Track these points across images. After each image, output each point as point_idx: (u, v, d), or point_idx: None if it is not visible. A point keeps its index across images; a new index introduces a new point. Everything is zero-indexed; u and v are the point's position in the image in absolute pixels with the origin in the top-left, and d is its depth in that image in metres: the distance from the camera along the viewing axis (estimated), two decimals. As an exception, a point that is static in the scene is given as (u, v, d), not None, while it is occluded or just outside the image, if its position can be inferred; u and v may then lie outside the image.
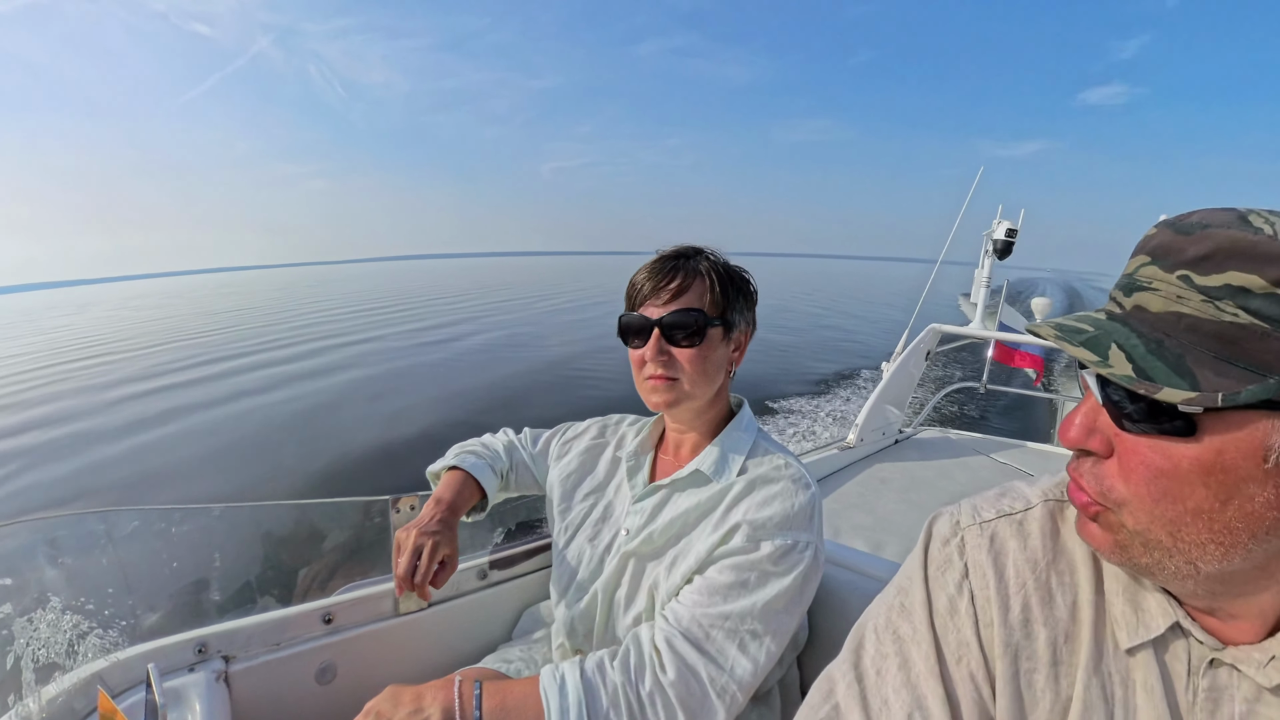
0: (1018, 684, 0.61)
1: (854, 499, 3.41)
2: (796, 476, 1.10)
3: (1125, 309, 0.53)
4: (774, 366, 17.07)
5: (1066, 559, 0.64)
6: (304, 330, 26.91)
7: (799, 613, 1.03)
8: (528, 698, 0.91)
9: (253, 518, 1.32)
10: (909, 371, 4.55)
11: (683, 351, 1.10)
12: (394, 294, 51.93)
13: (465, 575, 1.47)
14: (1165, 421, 0.49)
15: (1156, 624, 0.57)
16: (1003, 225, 4.72)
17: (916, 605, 0.67)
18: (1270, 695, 0.54)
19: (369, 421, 12.04)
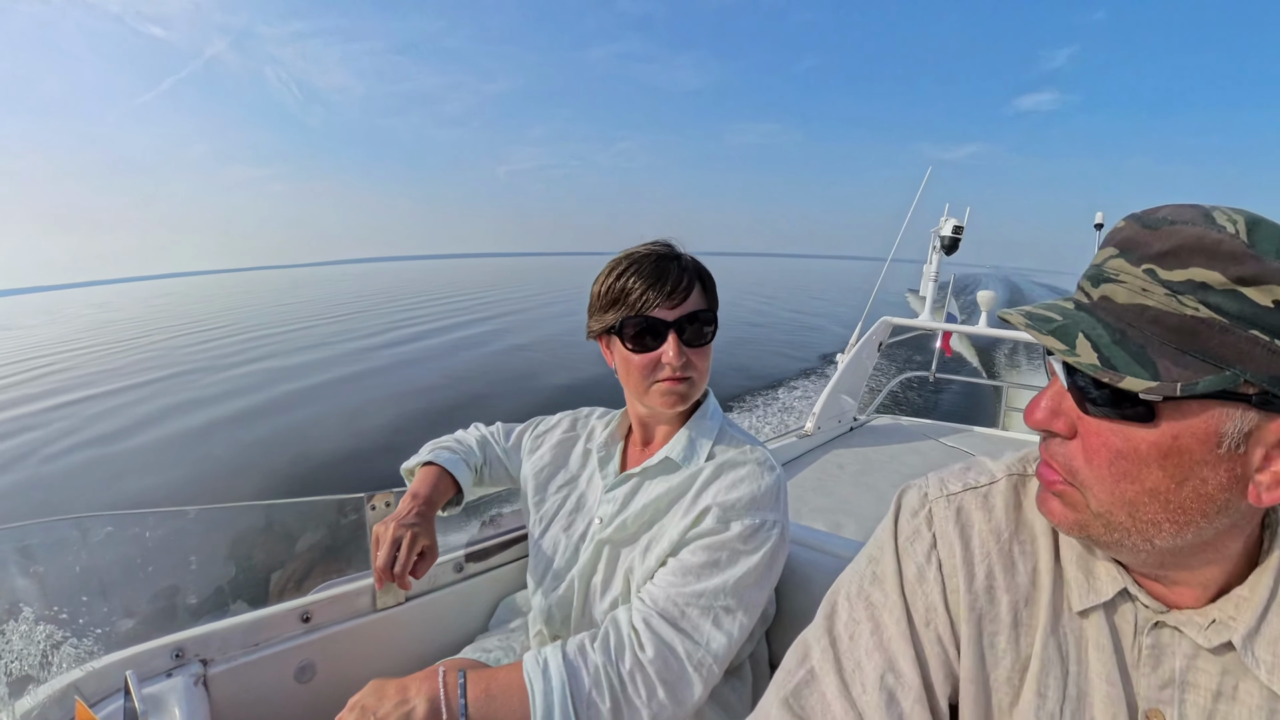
0: (981, 645, 0.64)
1: (813, 483, 3.47)
2: (762, 460, 1.12)
3: (1092, 299, 0.55)
4: (734, 361, 17.23)
5: (1028, 530, 0.66)
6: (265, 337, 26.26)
7: (769, 587, 1.06)
8: (512, 683, 0.91)
9: (227, 519, 1.28)
10: (862, 362, 4.65)
11: (696, 351, 1.11)
12: (360, 296, 50.90)
13: (442, 569, 1.46)
14: (1126, 407, 0.51)
15: (1106, 590, 0.60)
16: (950, 223, 4.84)
17: (887, 573, 0.69)
18: (1206, 653, 0.57)
19: (336, 423, 11.82)
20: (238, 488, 8.82)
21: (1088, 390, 0.53)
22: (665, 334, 1.08)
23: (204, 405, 13.89)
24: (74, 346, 26.73)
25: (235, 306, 44.18)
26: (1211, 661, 0.57)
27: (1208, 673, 0.57)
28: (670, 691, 0.93)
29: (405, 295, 49.15)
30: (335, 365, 18.23)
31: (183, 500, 7.61)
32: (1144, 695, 0.59)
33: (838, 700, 0.64)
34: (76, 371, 19.28)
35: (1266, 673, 0.54)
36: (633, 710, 0.91)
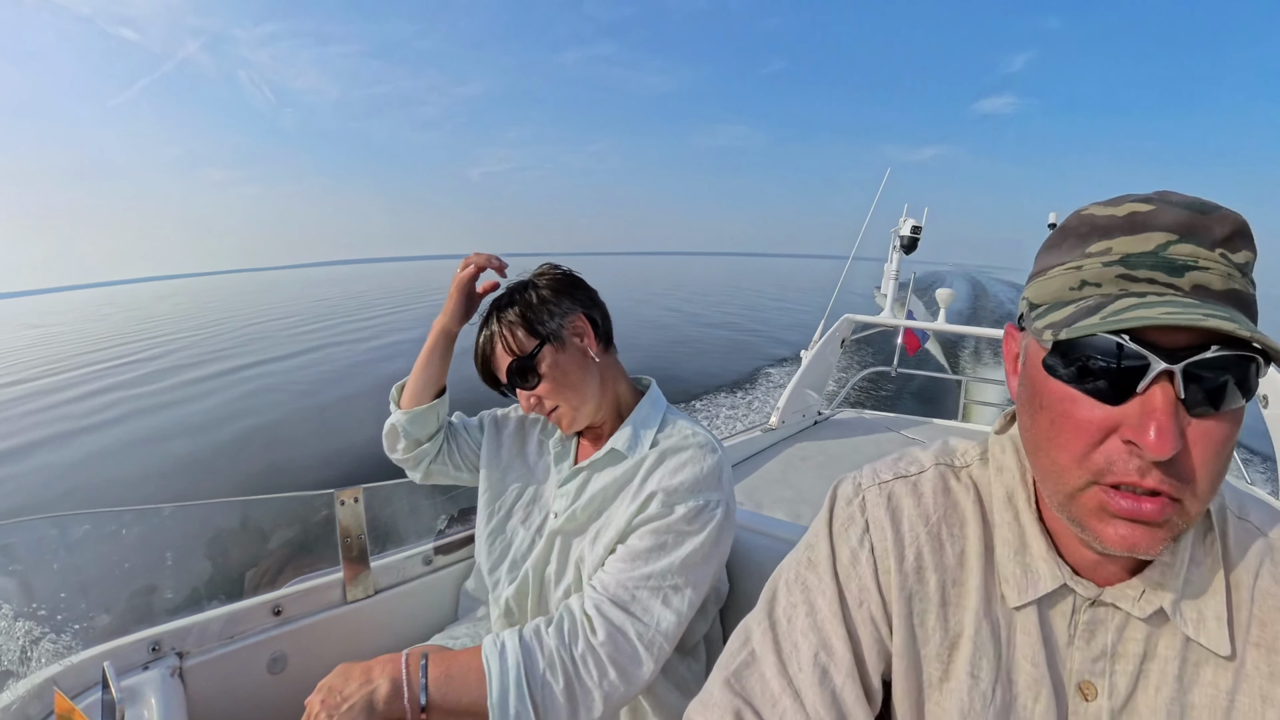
0: (911, 623, 0.66)
1: (777, 475, 3.51)
2: (703, 443, 1.15)
3: (1186, 289, 0.50)
4: (701, 358, 17.28)
5: (956, 515, 0.69)
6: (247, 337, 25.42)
7: (716, 563, 1.09)
8: (471, 665, 0.94)
9: (202, 516, 1.29)
10: (826, 358, 4.70)
11: (541, 388, 1.17)
12: (336, 299, 49.63)
13: (411, 561, 1.48)
14: (1246, 392, 0.51)
15: (1045, 584, 0.62)
16: (908, 222, 4.95)
17: (821, 558, 0.71)
18: (1136, 621, 0.60)
19: (304, 424, 11.64)
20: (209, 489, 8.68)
21: (1234, 384, 0.50)
22: (512, 393, 1.21)
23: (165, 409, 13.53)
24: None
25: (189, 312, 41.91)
26: (1139, 629, 0.60)
27: (1135, 640, 0.60)
28: (621, 672, 0.97)
29: (379, 297, 48.25)
30: (302, 367, 17.87)
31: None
32: (1078, 670, 0.61)
33: (776, 679, 0.67)
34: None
35: (1194, 629, 0.58)
36: (584, 690, 0.95)
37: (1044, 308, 0.57)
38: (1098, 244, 0.54)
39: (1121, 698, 0.60)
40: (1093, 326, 0.49)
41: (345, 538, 1.34)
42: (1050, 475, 0.57)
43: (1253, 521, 0.63)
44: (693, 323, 27.41)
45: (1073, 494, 0.55)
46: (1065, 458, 0.54)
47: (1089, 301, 0.53)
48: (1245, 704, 0.57)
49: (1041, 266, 0.60)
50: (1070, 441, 0.54)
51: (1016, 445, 0.69)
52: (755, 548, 1.37)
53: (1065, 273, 0.56)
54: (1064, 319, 0.53)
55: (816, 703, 0.64)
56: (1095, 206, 0.56)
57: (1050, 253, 0.59)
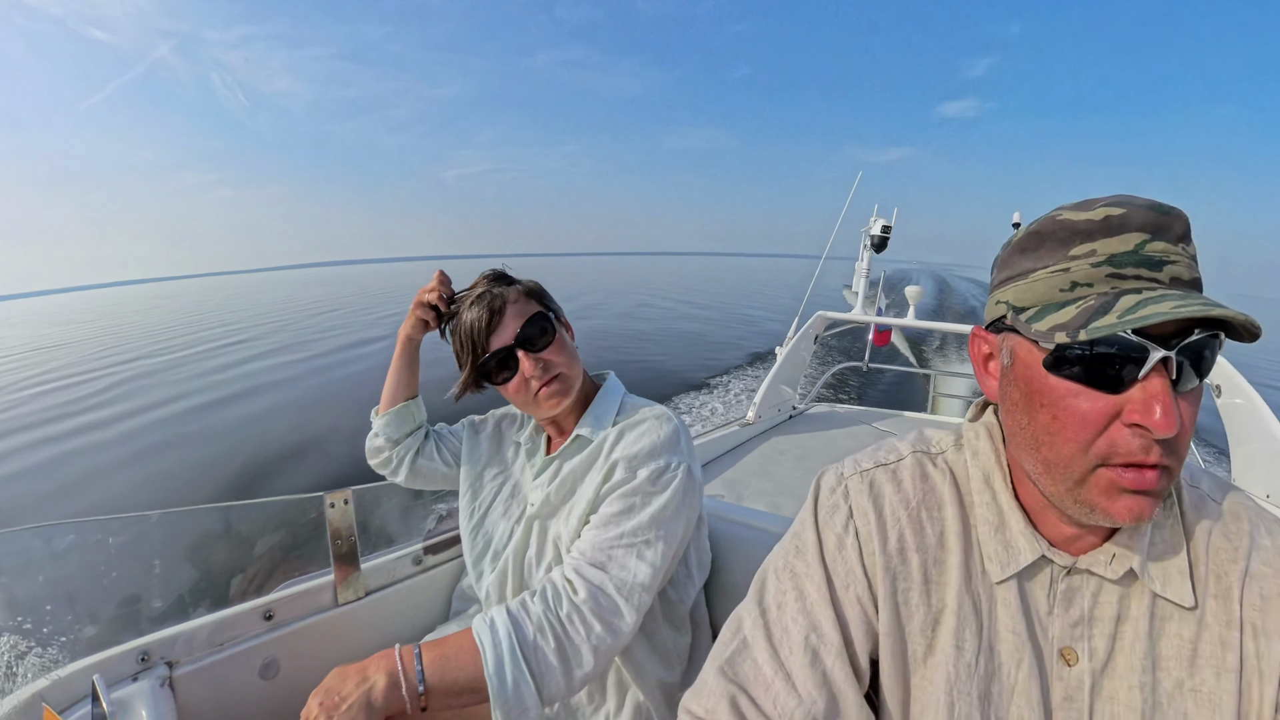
0: (895, 601, 0.69)
1: (755, 468, 3.54)
2: (659, 414, 1.20)
3: (1165, 282, 0.54)
4: (678, 357, 17.33)
5: (935, 498, 0.71)
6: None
7: (684, 519, 1.12)
8: (464, 644, 0.95)
9: (190, 522, 1.26)
10: (800, 354, 4.75)
11: (549, 350, 1.18)
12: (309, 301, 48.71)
13: (401, 562, 1.47)
14: (1210, 369, 0.56)
15: (1025, 557, 0.65)
16: (879, 222, 5.02)
17: (809, 546, 0.73)
18: (1109, 585, 0.64)
19: (285, 431, 11.42)
20: (196, 494, 8.48)
21: (1198, 364, 0.55)
22: (514, 354, 1.16)
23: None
24: None
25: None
26: (1112, 592, 0.64)
27: (1109, 603, 0.64)
28: (605, 624, 1.00)
29: (353, 299, 47.57)
30: (286, 369, 17.56)
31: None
32: (1059, 636, 0.64)
33: (768, 664, 0.68)
34: None
35: (1160, 585, 0.62)
36: (574, 647, 0.97)
37: (1035, 310, 0.59)
38: (1080, 246, 0.56)
39: (1101, 660, 0.63)
40: (1111, 326, 0.51)
41: (335, 540, 1.32)
42: (1055, 467, 0.59)
43: (1203, 488, 0.68)
44: (669, 322, 27.48)
45: (1080, 480, 0.57)
46: (1071, 449, 0.57)
47: (1091, 301, 0.55)
48: (1207, 650, 0.61)
49: (1019, 270, 0.61)
50: (1076, 434, 0.56)
51: (990, 431, 0.72)
52: (738, 538, 1.39)
53: (1052, 275, 0.58)
54: (1073, 320, 0.54)
55: (808, 684, 0.66)
56: (1068, 211, 0.59)
57: (1026, 256, 0.61)
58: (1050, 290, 0.58)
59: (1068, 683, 0.63)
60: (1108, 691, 0.62)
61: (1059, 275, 0.57)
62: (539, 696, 0.93)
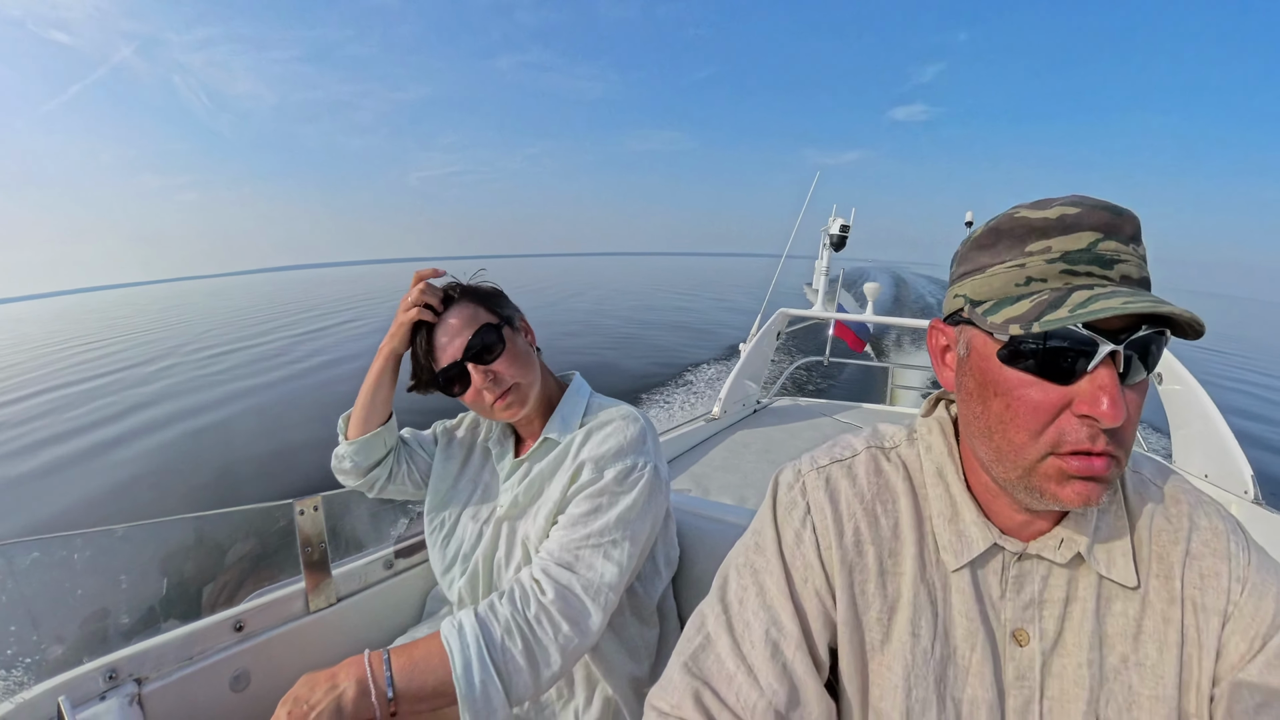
0: (853, 592, 0.70)
1: (720, 462, 3.56)
2: (626, 414, 1.19)
3: (1116, 279, 0.56)
4: (643, 355, 17.35)
5: (889, 492, 0.72)
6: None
7: (651, 518, 1.12)
8: (432, 648, 0.94)
9: (157, 535, 1.21)
10: (763, 350, 4.80)
11: (500, 362, 1.15)
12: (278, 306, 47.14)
13: (372, 566, 1.45)
14: (1156, 362, 0.58)
15: (978, 545, 0.67)
16: (837, 222, 5.11)
17: (768, 542, 0.74)
18: (1058, 569, 0.66)
19: (254, 437, 11.11)
20: (163, 505, 8.18)
21: (1144, 358, 0.56)
22: (464, 370, 1.14)
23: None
24: None
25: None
26: (1061, 575, 0.66)
27: (1058, 586, 0.66)
28: (573, 624, 1.00)
29: (321, 303, 46.42)
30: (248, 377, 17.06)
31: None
32: (1011, 619, 0.66)
33: (730, 658, 0.69)
34: None
35: (1105, 567, 0.65)
36: (542, 648, 0.97)
37: (991, 303, 0.60)
38: (1037, 243, 0.58)
39: (1051, 639, 0.65)
40: (1063, 320, 0.52)
41: (306, 547, 1.30)
42: (1006, 454, 0.60)
43: (1145, 473, 0.71)
44: (633, 321, 27.49)
45: (1031, 467, 0.59)
46: (1022, 437, 0.58)
47: (1044, 295, 0.56)
48: (1150, 626, 0.64)
49: (977, 265, 0.63)
50: (1027, 422, 0.58)
51: (942, 426, 0.74)
52: (705, 531, 1.40)
53: (1009, 270, 0.59)
54: (1027, 313, 0.56)
55: (769, 676, 0.67)
56: (1024, 210, 0.60)
57: (984, 252, 0.62)
58: (1006, 285, 0.59)
59: (1019, 662, 0.65)
60: (1057, 669, 0.64)
61: (1015, 270, 0.58)
62: (506, 697, 0.93)
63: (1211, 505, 0.69)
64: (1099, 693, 0.63)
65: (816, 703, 0.68)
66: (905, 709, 0.66)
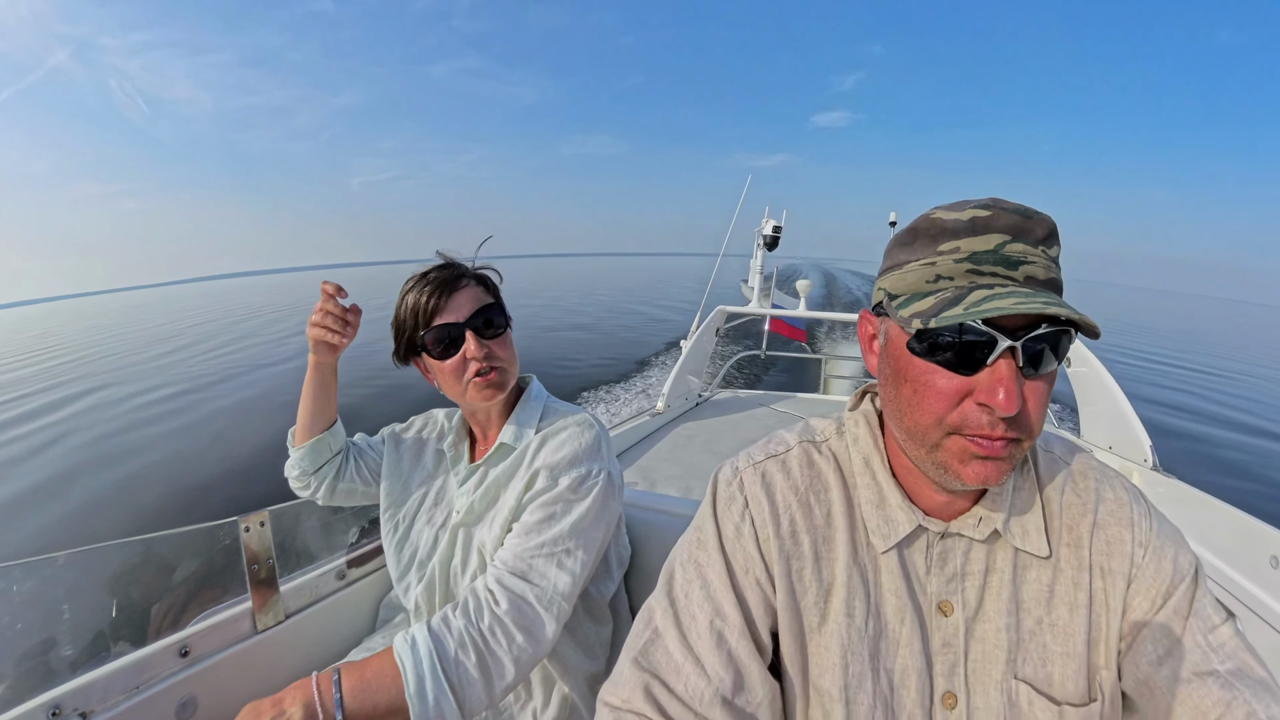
0: (790, 579, 0.72)
1: (666, 455, 3.57)
2: (581, 420, 1.18)
3: (1020, 280, 0.58)
4: (588, 354, 17.30)
5: (821, 483, 0.75)
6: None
7: (604, 525, 1.11)
8: (385, 666, 0.90)
9: (99, 561, 1.12)
10: (703, 346, 4.86)
11: (495, 342, 1.14)
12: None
13: (324, 578, 1.40)
14: (1061, 357, 0.60)
15: (903, 528, 0.69)
16: (770, 223, 5.22)
17: (709, 537, 0.75)
18: (978, 544, 0.70)
19: (196, 448, 10.54)
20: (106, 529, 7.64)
21: (1051, 351, 0.59)
22: (462, 334, 1.11)
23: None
24: None
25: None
26: (980, 549, 0.69)
27: (978, 559, 0.69)
28: (527, 634, 0.98)
29: (268, 311, 44.39)
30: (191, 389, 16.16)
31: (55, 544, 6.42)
32: (936, 592, 0.69)
33: (678, 650, 0.70)
34: None
35: (1020, 540, 0.68)
36: (495, 660, 0.94)
37: (904, 298, 0.63)
38: (948, 243, 0.60)
39: (973, 608, 0.69)
40: (957, 316, 0.55)
41: (252, 564, 1.24)
42: (914, 434, 0.64)
43: (1056, 452, 0.75)
44: (578, 321, 27.40)
45: (935, 445, 0.62)
46: (927, 419, 0.61)
47: (948, 293, 0.59)
48: (1062, 590, 0.68)
49: (896, 261, 0.65)
50: (932, 406, 0.61)
51: (868, 419, 0.77)
52: (652, 524, 1.41)
53: (921, 268, 0.61)
54: (929, 309, 0.58)
55: (715, 664, 0.69)
56: (941, 211, 0.62)
57: (903, 250, 0.65)
58: (918, 281, 0.61)
59: (945, 631, 0.69)
60: (979, 634, 0.68)
61: (927, 268, 0.61)
62: (460, 712, 0.90)
63: (1116, 478, 0.73)
64: (1016, 653, 0.67)
65: (761, 685, 0.70)
66: (843, 683, 0.69)
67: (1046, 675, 0.66)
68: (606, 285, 57.06)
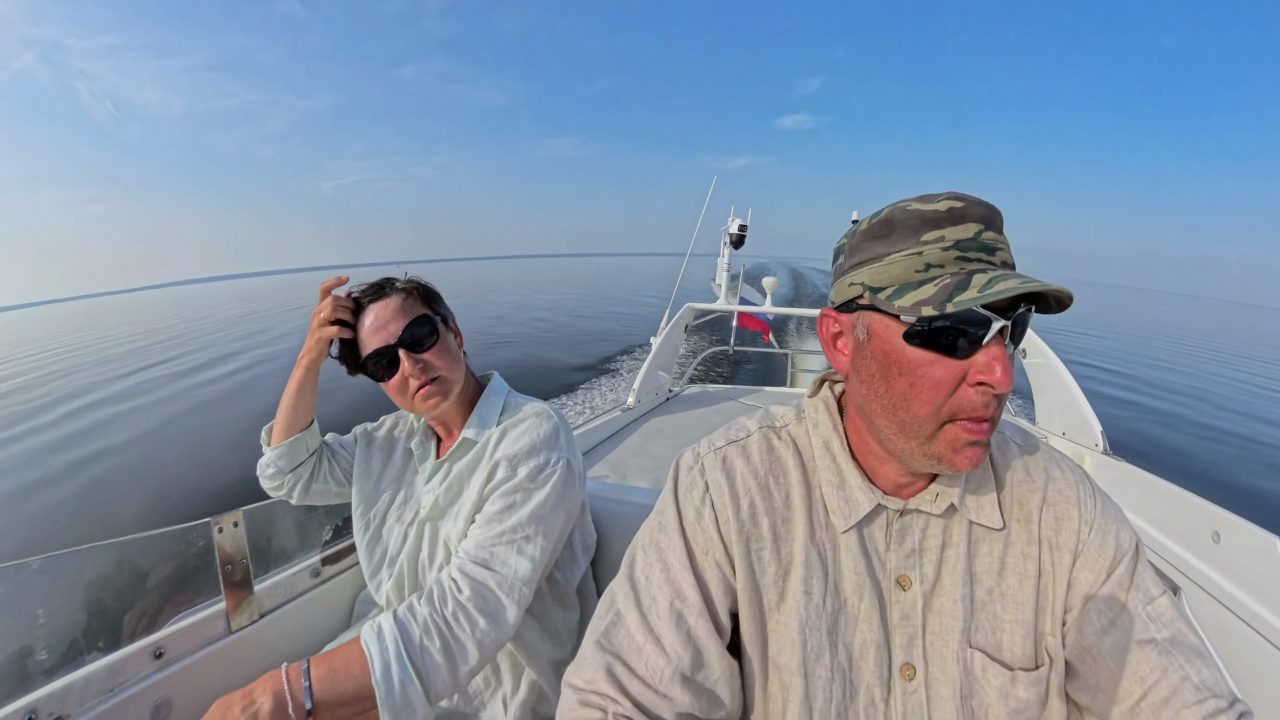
0: (750, 559, 0.73)
1: (636, 448, 3.58)
2: (539, 412, 1.19)
3: (998, 264, 0.60)
4: (561, 352, 17.22)
5: (780, 466, 0.76)
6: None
7: (564, 511, 1.13)
8: (352, 655, 0.91)
9: (73, 565, 1.10)
10: (673, 342, 4.88)
11: (430, 353, 1.15)
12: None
13: (298, 577, 1.39)
14: (1025, 333, 0.62)
15: (863, 508, 0.71)
16: (736, 222, 5.26)
17: (670, 521, 0.76)
18: (935, 520, 0.71)
19: (169, 454, 10.24)
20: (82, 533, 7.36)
21: (1022, 331, 0.61)
22: (395, 355, 1.13)
23: None
24: None
25: None
26: (937, 525, 0.71)
27: (935, 535, 0.71)
28: (490, 619, 0.99)
29: (241, 314, 43.16)
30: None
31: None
32: (894, 568, 0.71)
33: (639, 631, 0.71)
34: None
35: (975, 514, 0.71)
36: (459, 644, 0.96)
37: (894, 289, 0.62)
38: (931, 233, 0.60)
39: (930, 582, 0.71)
40: (974, 299, 0.55)
41: (226, 565, 1.23)
42: (909, 427, 0.63)
43: (1007, 433, 0.78)
44: (549, 320, 27.24)
45: (930, 437, 0.63)
46: (925, 410, 0.61)
47: (947, 280, 0.59)
48: (1012, 562, 0.70)
49: (874, 254, 0.64)
50: (931, 396, 0.61)
51: (827, 405, 0.78)
52: (621, 515, 1.43)
53: (906, 258, 0.61)
54: (934, 296, 0.58)
55: (675, 643, 0.70)
56: (915, 203, 0.62)
57: (879, 243, 0.64)
58: (906, 271, 0.61)
59: (904, 604, 0.70)
60: (937, 606, 0.70)
61: (913, 258, 0.60)
62: (425, 696, 0.91)
63: (1064, 459, 0.76)
64: (970, 622, 0.69)
65: (719, 663, 0.71)
66: (802, 658, 0.70)
67: (998, 643, 0.69)
68: (578, 285, 56.82)
